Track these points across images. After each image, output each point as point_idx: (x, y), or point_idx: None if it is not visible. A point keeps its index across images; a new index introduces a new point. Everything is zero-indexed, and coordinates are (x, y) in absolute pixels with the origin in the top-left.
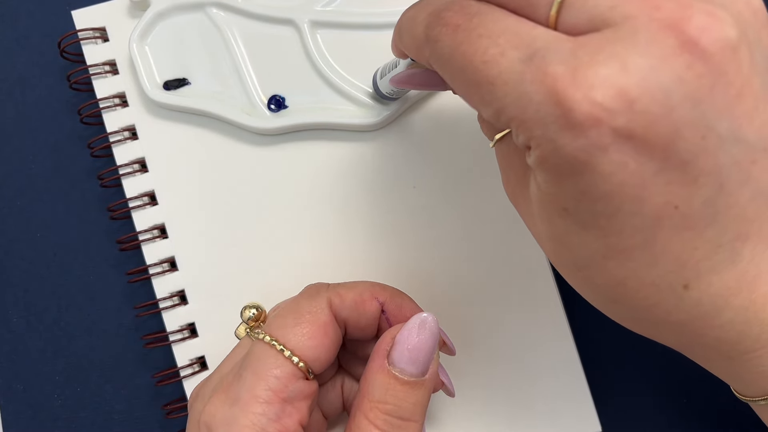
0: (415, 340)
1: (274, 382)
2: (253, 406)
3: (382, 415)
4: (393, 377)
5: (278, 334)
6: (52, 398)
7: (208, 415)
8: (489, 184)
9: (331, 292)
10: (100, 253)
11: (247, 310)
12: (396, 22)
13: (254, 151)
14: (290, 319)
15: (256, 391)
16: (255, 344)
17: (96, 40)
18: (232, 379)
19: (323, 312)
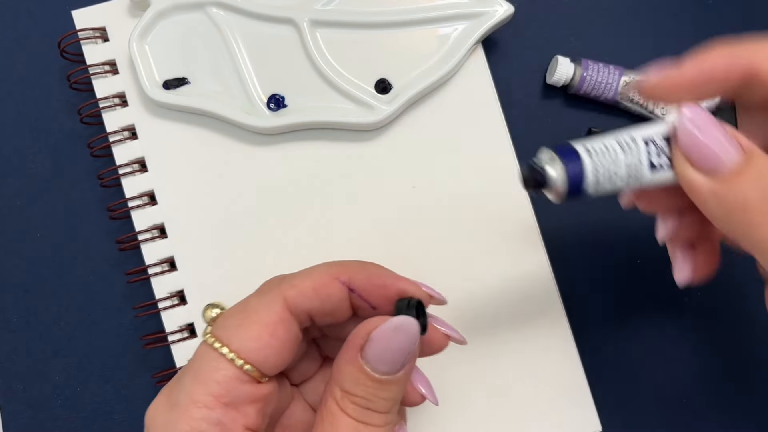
0: (390, 342)
1: (214, 386)
2: (191, 411)
3: (351, 405)
4: (364, 372)
5: (221, 335)
6: (52, 398)
7: (149, 418)
8: (489, 184)
9: (285, 285)
10: (99, 253)
11: (210, 309)
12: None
13: (254, 150)
14: (236, 318)
15: (195, 396)
16: (199, 347)
17: (96, 39)
18: (174, 383)
19: (272, 310)
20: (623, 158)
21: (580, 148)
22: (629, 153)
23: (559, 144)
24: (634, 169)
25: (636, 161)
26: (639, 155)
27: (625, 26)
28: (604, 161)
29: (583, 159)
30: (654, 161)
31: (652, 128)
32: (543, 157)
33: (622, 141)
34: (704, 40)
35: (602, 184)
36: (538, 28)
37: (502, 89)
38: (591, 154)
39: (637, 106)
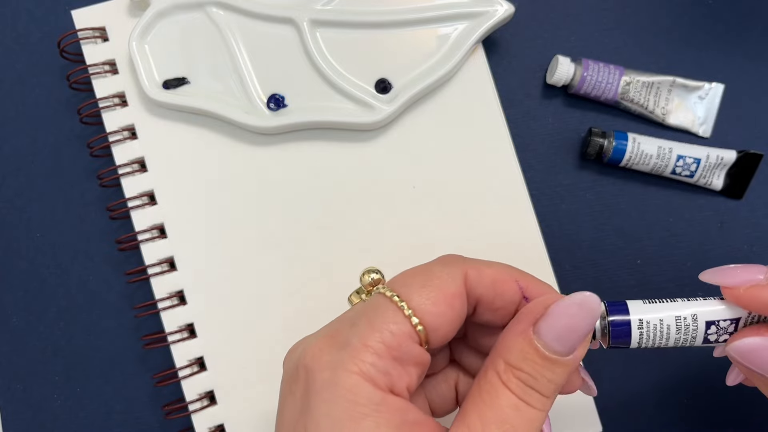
0: (571, 318)
1: (389, 336)
2: (363, 354)
3: (515, 380)
4: (534, 347)
5: (401, 291)
6: (52, 398)
7: (309, 357)
8: (489, 184)
9: (468, 264)
10: (99, 253)
11: (367, 274)
12: (395, 21)
13: (254, 150)
14: (418, 278)
15: (368, 341)
16: (375, 297)
17: (96, 39)
18: (341, 327)
19: (455, 282)
20: (675, 335)
21: (634, 319)
22: (684, 332)
23: (614, 304)
24: (684, 341)
25: (690, 338)
26: (696, 335)
27: (625, 26)
28: (653, 336)
29: (632, 334)
30: (710, 338)
31: (720, 311)
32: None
33: (681, 321)
34: (704, 40)
35: (646, 347)
36: (539, 27)
37: (502, 89)
38: (642, 328)
39: (637, 106)
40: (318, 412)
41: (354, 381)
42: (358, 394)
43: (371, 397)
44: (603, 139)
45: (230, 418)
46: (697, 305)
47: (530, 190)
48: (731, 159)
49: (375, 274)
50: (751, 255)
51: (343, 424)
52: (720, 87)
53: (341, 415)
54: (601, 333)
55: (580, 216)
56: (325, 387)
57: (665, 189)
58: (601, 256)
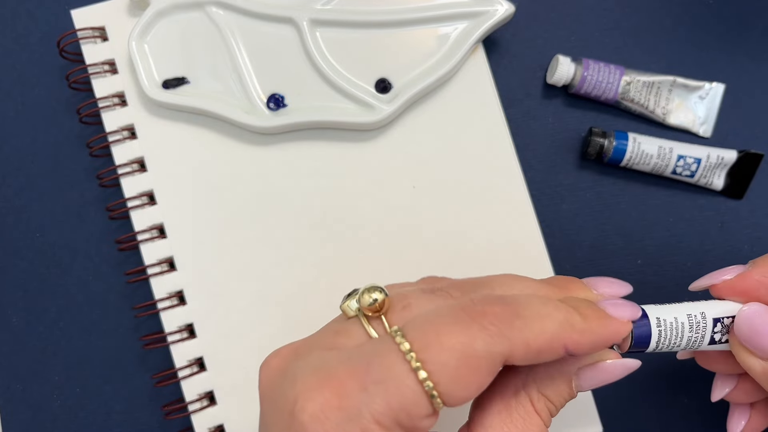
0: (610, 376)
1: (404, 417)
2: (373, 430)
3: (545, 409)
4: (570, 389)
5: (426, 357)
6: (51, 398)
7: (311, 418)
8: (489, 183)
9: (517, 338)
10: (98, 253)
11: (368, 293)
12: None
13: (254, 150)
14: (452, 351)
15: (382, 418)
16: (387, 347)
17: (95, 39)
18: (346, 380)
19: (495, 364)
20: (688, 334)
21: (652, 318)
22: (696, 330)
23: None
24: (694, 341)
25: (699, 337)
26: (704, 333)
27: (625, 26)
28: (669, 335)
29: (651, 329)
30: (716, 337)
31: (721, 308)
32: None
33: (692, 318)
34: (705, 40)
35: (660, 349)
36: (539, 27)
37: (503, 89)
38: (660, 327)
39: (637, 106)
40: None
41: None
42: None
43: None
44: (603, 139)
45: (230, 418)
46: (702, 304)
47: (530, 190)
48: (732, 159)
49: (378, 294)
50: (751, 255)
51: None
52: (720, 87)
53: None
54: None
55: (581, 216)
56: None
57: (666, 189)
58: (601, 256)
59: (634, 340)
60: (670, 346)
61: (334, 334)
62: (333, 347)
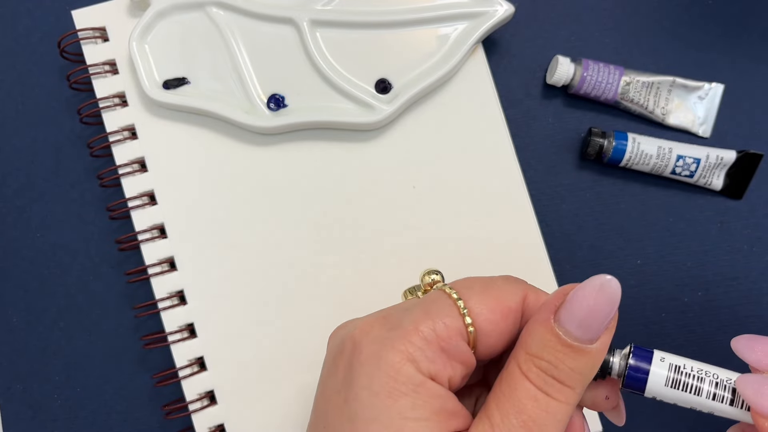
0: (590, 302)
1: (441, 327)
2: (412, 336)
3: (535, 369)
4: (555, 335)
5: (462, 292)
6: (52, 398)
7: (360, 331)
8: (489, 183)
9: (529, 287)
10: (99, 253)
11: (428, 275)
12: (395, 21)
13: (254, 150)
14: (479, 286)
15: (420, 326)
16: (434, 292)
17: (96, 39)
18: (394, 312)
19: (515, 297)
20: (696, 400)
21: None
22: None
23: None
24: (704, 407)
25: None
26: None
27: (625, 26)
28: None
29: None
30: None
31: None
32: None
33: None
34: (704, 40)
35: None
36: (539, 27)
37: (502, 89)
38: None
39: (637, 106)
40: (359, 383)
41: (398, 359)
42: (400, 372)
43: (412, 377)
44: (603, 139)
45: (230, 418)
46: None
47: (530, 190)
48: (731, 159)
49: (435, 275)
50: (750, 255)
51: (382, 400)
52: (720, 87)
53: (380, 390)
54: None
55: (580, 216)
56: (369, 360)
57: (665, 189)
58: (601, 256)
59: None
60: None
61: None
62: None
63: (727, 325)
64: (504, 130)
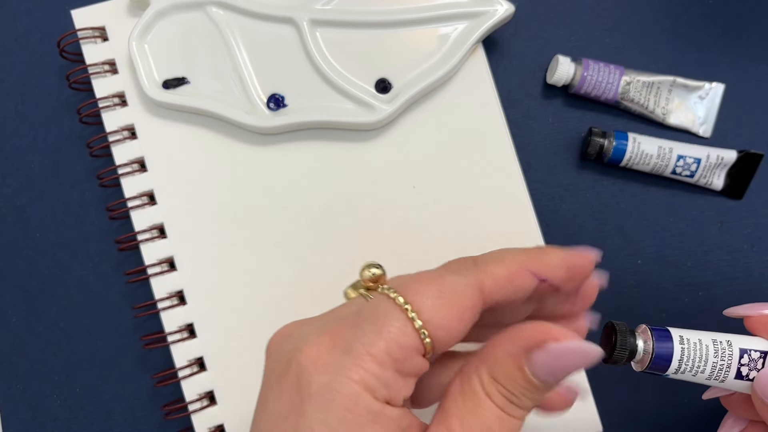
0: (568, 362)
1: (396, 348)
2: (366, 363)
3: (498, 394)
4: (523, 374)
5: (412, 299)
6: (52, 398)
7: (306, 357)
8: (489, 183)
9: (481, 272)
10: (99, 253)
11: (367, 269)
12: (395, 21)
13: (254, 150)
14: (431, 288)
15: (373, 349)
16: (381, 299)
17: (95, 39)
18: (341, 327)
19: (471, 296)
20: (713, 359)
21: (675, 335)
22: (721, 357)
23: (656, 326)
24: (719, 371)
25: (725, 365)
26: (731, 362)
27: (625, 26)
28: (693, 356)
29: (674, 346)
30: (743, 371)
31: (751, 341)
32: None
33: (718, 344)
34: (704, 40)
35: (684, 373)
36: (539, 27)
37: (503, 89)
38: (683, 343)
39: (637, 106)
40: (312, 417)
41: (354, 390)
42: (357, 404)
43: (370, 407)
44: (603, 139)
45: (230, 418)
46: (730, 335)
47: (530, 190)
48: (731, 159)
49: (376, 269)
50: (751, 255)
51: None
52: (720, 87)
53: (337, 424)
54: (642, 353)
55: (581, 216)
56: (322, 392)
57: (665, 189)
58: (601, 256)
59: (655, 355)
60: (693, 370)
61: (334, 310)
62: (333, 316)
63: (727, 326)
64: (504, 130)
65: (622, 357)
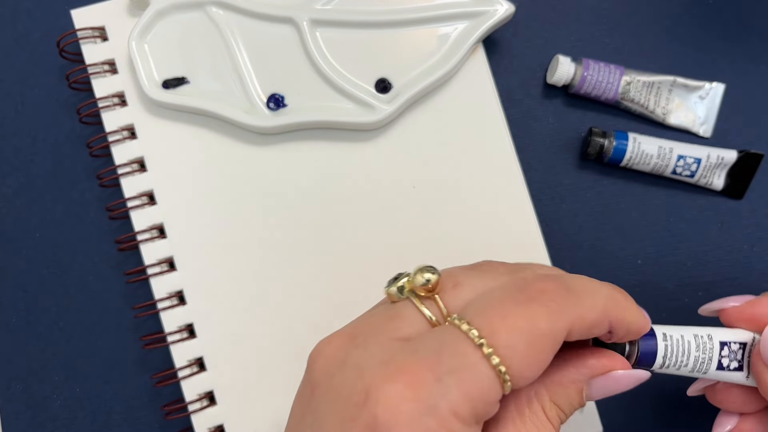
0: (621, 385)
1: (482, 407)
2: (452, 424)
3: (556, 417)
4: (581, 396)
5: (497, 342)
6: (52, 398)
7: (385, 410)
8: (489, 183)
9: (572, 313)
10: (98, 253)
11: (421, 274)
12: (395, 20)
13: (254, 150)
14: (521, 330)
15: (460, 410)
16: (460, 343)
17: (95, 39)
18: (417, 369)
19: (559, 341)
20: (695, 353)
21: (659, 332)
22: (702, 350)
23: None
24: (701, 363)
25: (707, 358)
26: (711, 355)
27: (625, 26)
28: (676, 351)
29: (658, 343)
30: (723, 362)
31: (729, 334)
32: None
33: (699, 339)
34: (705, 40)
35: (668, 367)
36: (539, 27)
37: (503, 89)
38: (666, 341)
39: (637, 106)
40: None
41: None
42: None
43: None
44: (603, 139)
45: (230, 418)
46: (709, 329)
47: (530, 190)
48: (732, 159)
49: (431, 275)
50: (751, 255)
51: None
52: (720, 87)
53: None
54: (628, 352)
55: (581, 216)
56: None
57: (666, 189)
58: (601, 256)
59: (641, 353)
60: (677, 364)
61: (387, 319)
62: (393, 336)
63: None
64: (504, 130)
65: None
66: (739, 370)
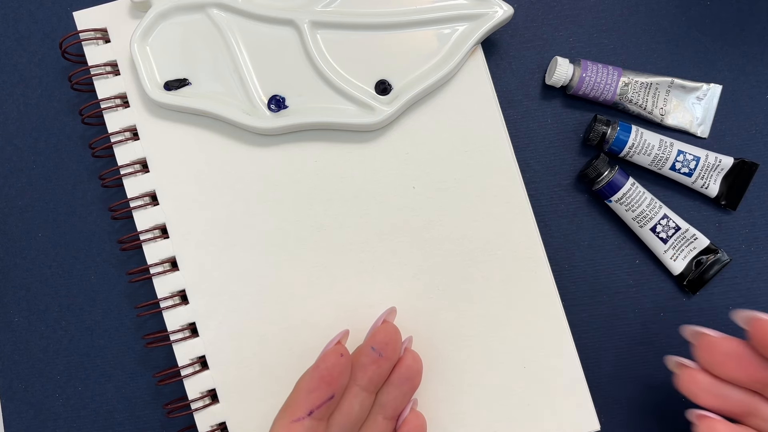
0: None
1: None
2: None
3: None
4: None
5: None
6: (54, 397)
7: None
8: (488, 184)
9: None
10: (101, 253)
11: None
12: (395, 22)
13: (255, 151)
14: None
15: None
16: None
17: (97, 40)
18: None
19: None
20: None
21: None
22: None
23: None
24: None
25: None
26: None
27: (623, 27)
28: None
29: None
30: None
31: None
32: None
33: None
34: (702, 41)
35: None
36: (537, 29)
37: (502, 90)
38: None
39: (635, 106)
40: None
41: None
42: None
43: None
44: (607, 127)
45: (232, 416)
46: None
47: (529, 191)
48: (728, 164)
49: None
50: (748, 255)
51: None
52: (718, 88)
53: None
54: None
55: (579, 216)
56: None
57: (664, 189)
58: (599, 255)
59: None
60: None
61: None
62: None
63: (725, 325)
64: (503, 131)
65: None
66: None
